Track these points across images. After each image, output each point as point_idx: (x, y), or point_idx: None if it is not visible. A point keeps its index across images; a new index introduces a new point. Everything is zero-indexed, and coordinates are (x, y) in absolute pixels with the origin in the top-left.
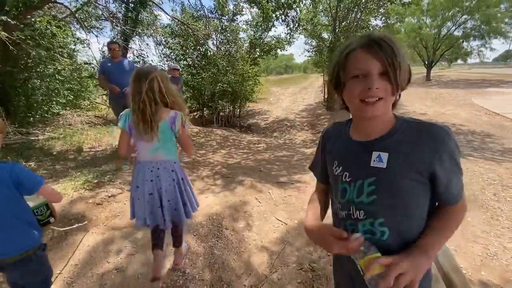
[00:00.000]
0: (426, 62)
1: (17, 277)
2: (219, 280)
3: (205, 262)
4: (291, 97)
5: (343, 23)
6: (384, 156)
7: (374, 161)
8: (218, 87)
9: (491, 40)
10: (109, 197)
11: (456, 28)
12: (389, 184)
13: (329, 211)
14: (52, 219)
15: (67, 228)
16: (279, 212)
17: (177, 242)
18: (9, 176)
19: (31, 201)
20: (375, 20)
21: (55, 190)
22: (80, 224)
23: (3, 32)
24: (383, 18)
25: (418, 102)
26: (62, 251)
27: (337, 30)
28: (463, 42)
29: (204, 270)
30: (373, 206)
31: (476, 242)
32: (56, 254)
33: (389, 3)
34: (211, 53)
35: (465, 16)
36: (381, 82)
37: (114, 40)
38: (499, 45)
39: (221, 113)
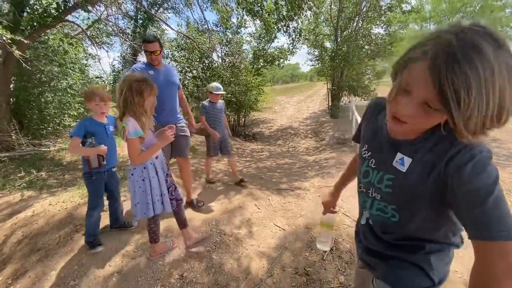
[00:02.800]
0: None
1: (110, 182)
2: (215, 283)
3: (203, 266)
4: (296, 106)
5: (344, 32)
6: (407, 161)
7: (397, 161)
8: (222, 97)
9: None
10: None
11: None
12: (405, 186)
13: None
14: None
15: (73, 234)
16: (278, 218)
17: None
18: (113, 122)
19: None
20: (377, 28)
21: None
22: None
23: (17, 51)
24: (384, 26)
25: None
26: (67, 255)
27: (339, 39)
28: None
29: (201, 274)
30: (388, 196)
31: (471, 247)
32: (62, 258)
33: (389, 11)
34: (216, 64)
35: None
36: (417, 112)
37: (152, 37)
38: None
39: None
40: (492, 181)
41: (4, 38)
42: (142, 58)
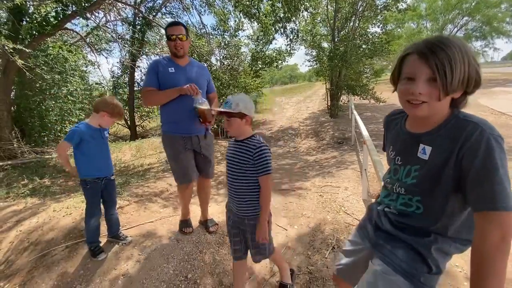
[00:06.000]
0: None
1: (107, 190)
2: (219, 284)
3: (207, 268)
4: (295, 106)
5: (341, 32)
6: (428, 149)
7: (420, 152)
8: (221, 100)
9: (494, 40)
10: (117, 208)
11: (458, 30)
12: (428, 173)
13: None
14: None
15: (78, 240)
16: (280, 219)
17: None
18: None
19: None
20: (374, 27)
21: None
22: None
23: (19, 60)
24: (381, 25)
25: None
26: (73, 260)
27: (336, 39)
28: None
29: (205, 275)
30: (413, 187)
31: None
32: (67, 263)
33: (385, 10)
34: (214, 68)
35: (465, 18)
36: (427, 88)
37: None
38: (503, 45)
39: None
40: (500, 159)
41: (6, 47)
42: (142, 63)
